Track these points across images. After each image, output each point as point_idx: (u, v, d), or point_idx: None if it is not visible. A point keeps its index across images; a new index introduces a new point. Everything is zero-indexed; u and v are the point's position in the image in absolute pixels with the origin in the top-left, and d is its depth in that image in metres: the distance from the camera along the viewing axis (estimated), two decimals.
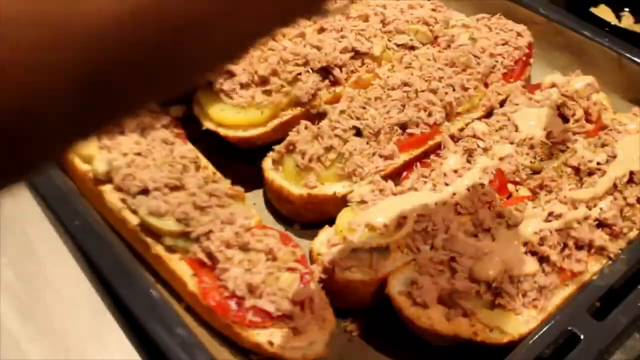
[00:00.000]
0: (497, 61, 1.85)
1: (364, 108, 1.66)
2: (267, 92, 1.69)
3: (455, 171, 1.54)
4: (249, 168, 1.75)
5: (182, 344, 1.12)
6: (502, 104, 1.81)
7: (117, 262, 1.24)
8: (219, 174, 1.51)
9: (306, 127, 1.60)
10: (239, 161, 1.76)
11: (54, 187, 1.37)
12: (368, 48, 1.87)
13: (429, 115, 1.68)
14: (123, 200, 1.40)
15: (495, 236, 1.36)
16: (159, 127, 1.53)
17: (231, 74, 1.67)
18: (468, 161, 1.58)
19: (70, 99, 0.38)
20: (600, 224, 1.41)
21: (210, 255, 1.30)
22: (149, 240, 1.36)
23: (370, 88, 1.75)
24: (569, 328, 1.22)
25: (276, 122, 1.70)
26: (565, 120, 1.74)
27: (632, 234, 1.43)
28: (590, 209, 1.41)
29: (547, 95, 1.77)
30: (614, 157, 1.55)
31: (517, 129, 1.66)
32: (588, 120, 1.74)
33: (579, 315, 1.24)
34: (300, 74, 1.74)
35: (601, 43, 1.96)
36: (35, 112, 0.37)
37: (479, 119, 1.76)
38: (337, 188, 1.55)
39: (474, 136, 1.64)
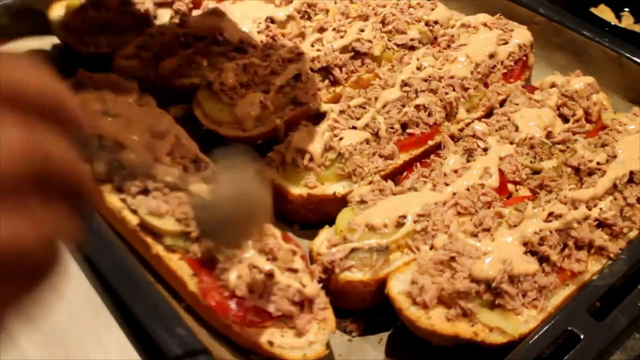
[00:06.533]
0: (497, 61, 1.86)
1: (364, 108, 1.67)
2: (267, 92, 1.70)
3: (455, 171, 1.54)
4: None
5: (182, 344, 1.12)
6: (502, 104, 1.81)
7: (117, 262, 1.24)
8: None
9: (306, 127, 1.61)
10: None
11: None
12: (368, 48, 1.87)
13: (429, 115, 1.68)
14: (123, 200, 1.40)
15: (495, 236, 1.36)
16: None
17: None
18: (468, 161, 1.59)
19: None
20: (600, 224, 1.41)
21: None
22: (149, 240, 1.36)
23: (370, 88, 1.75)
24: (569, 328, 1.22)
25: (276, 122, 1.70)
26: (565, 120, 1.74)
27: (632, 234, 1.43)
28: (590, 209, 1.41)
29: (547, 95, 1.77)
30: (614, 157, 1.55)
31: (517, 129, 1.66)
32: (588, 120, 1.74)
33: (579, 315, 1.24)
34: (300, 74, 1.75)
35: (601, 43, 1.96)
36: None
37: (479, 119, 1.76)
38: (337, 188, 1.55)
39: (474, 136, 1.64)
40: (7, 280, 0.54)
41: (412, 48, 1.96)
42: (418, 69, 1.78)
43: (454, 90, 1.74)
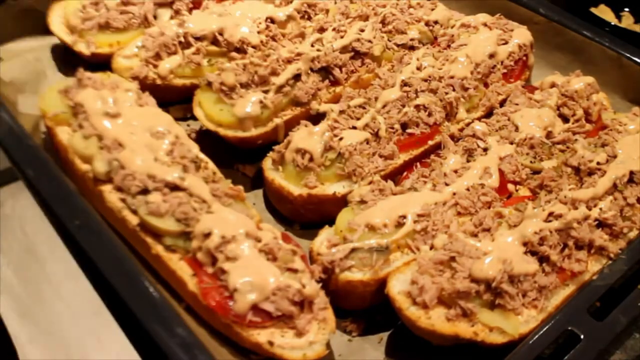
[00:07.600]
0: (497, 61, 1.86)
1: (364, 108, 1.66)
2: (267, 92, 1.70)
3: (455, 171, 1.54)
4: (249, 168, 1.75)
5: (182, 344, 1.12)
6: (502, 104, 1.81)
7: (117, 262, 1.24)
8: (219, 174, 1.51)
9: (306, 127, 1.61)
10: (239, 161, 1.77)
11: (54, 187, 1.37)
12: (368, 48, 1.87)
13: (429, 115, 1.68)
14: (123, 200, 1.40)
15: (495, 236, 1.36)
16: None
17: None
18: (468, 161, 1.59)
19: None
20: (600, 224, 1.41)
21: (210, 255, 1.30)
22: (149, 240, 1.36)
23: (370, 88, 1.75)
24: (569, 328, 1.22)
25: (276, 122, 1.70)
26: (565, 120, 1.74)
27: (632, 234, 1.43)
28: (590, 209, 1.41)
29: (547, 95, 1.77)
30: (614, 157, 1.55)
31: (517, 129, 1.66)
32: (588, 120, 1.75)
33: (579, 315, 1.24)
34: (300, 74, 1.75)
35: (601, 43, 1.96)
36: None
37: (479, 119, 1.76)
38: (337, 188, 1.55)
39: (474, 136, 1.64)
40: None
41: (412, 48, 1.96)
42: (418, 69, 1.78)
43: (454, 90, 1.74)
